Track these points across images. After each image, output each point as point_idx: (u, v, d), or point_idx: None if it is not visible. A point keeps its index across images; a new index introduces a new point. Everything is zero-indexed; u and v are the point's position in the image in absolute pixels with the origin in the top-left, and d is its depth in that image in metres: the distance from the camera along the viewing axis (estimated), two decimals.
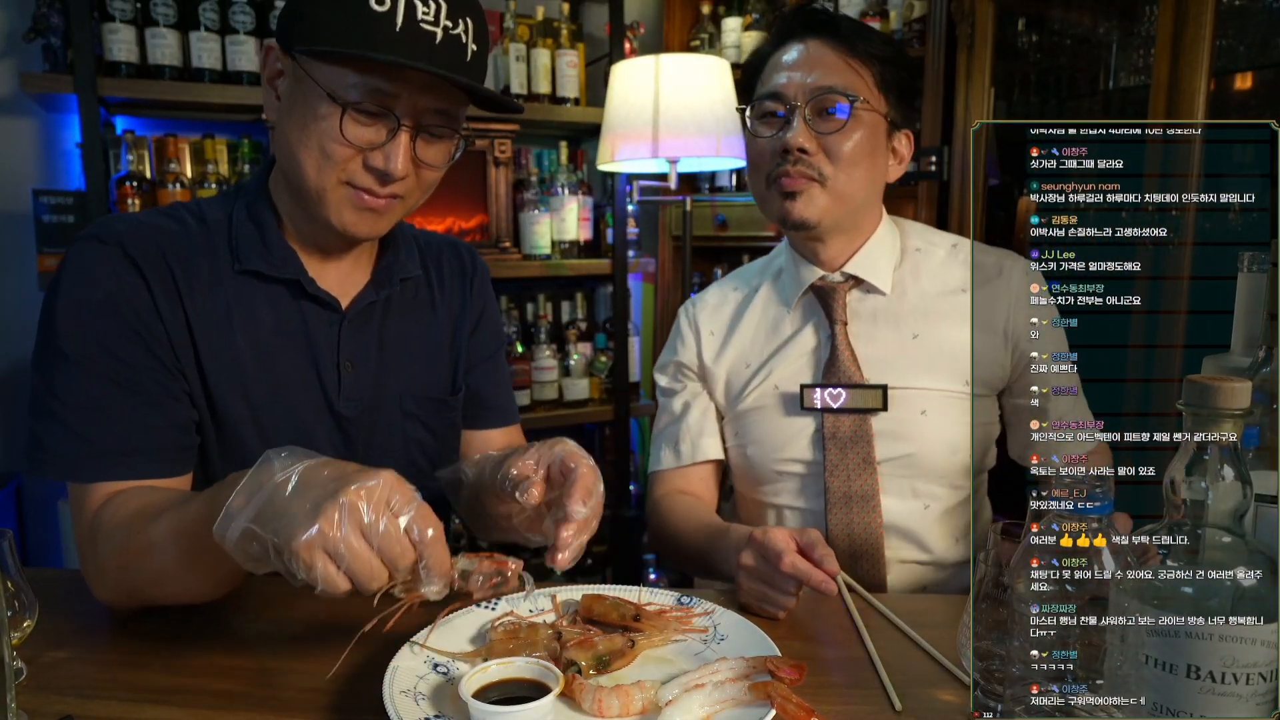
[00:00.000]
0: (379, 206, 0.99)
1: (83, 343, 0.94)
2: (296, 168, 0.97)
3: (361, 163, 0.96)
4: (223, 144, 2.31)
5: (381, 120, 0.94)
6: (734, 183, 3.06)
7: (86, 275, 0.97)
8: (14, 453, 2.36)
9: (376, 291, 1.10)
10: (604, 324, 2.84)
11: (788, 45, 1.29)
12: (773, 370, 1.32)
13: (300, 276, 1.04)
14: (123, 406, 0.95)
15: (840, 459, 1.25)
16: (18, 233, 2.26)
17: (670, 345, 1.45)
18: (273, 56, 0.99)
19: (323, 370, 1.07)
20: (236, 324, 1.03)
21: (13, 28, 2.23)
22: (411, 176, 0.99)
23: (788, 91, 1.24)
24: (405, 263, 1.14)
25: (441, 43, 0.92)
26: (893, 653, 0.90)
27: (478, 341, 1.24)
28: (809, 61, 1.25)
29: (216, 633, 0.92)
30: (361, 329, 1.10)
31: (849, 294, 1.31)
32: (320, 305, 1.06)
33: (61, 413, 0.94)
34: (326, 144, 0.94)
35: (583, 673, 0.79)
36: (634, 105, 2.25)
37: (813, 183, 1.24)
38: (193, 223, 1.04)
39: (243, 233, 1.04)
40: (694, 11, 3.12)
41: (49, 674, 0.84)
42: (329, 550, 0.67)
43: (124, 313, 0.96)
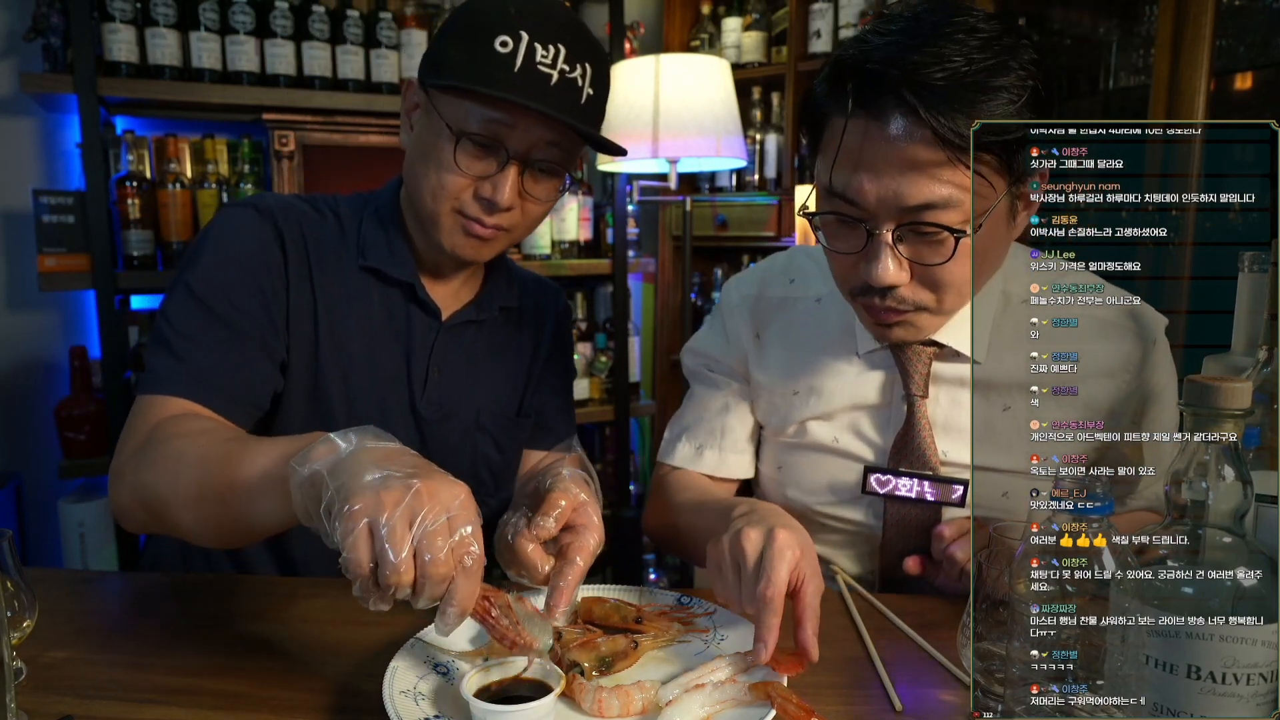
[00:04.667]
0: (485, 235, 1.06)
1: (211, 286, 1.04)
2: (417, 191, 1.07)
3: (472, 193, 1.04)
4: (223, 144, 2.31)
5: (493, 153, 1.02)
6: (734, 183, 3.06)
7: (236, 232, 1.08)
8: (14, 453, 2.36)
9: (477, 312, 1.19)
10: (604, 324, 2.84)
11: (866, 116, 0.90)
12: (831, 414, 1.14)
13: (414, 281, 1.14)
14: (224, 346, 1.03)
15: (899, 535, 1.09)
16: (18, 233, 2.26)
17: (713, 333, 1.25)
18: (411, 91, 1.08)
19: (413, 370, 1.15)
20: (353, 313, 1.12)
21: (13, 28, 2.23)
22: (517, 209, 1.06)
23: (866, 202, 0.92)
24: (506, 293, 1.23)
25: (556, 85, 0.99)
26: (893, 653, 0.89)
27: (548, 370, 1.30)
28: (898, 160, 0.89)
29: (216, 633, 0.92)
30: (456, 340, 1.18)
31: (934, 362, 1.10)
32: (425, 311, 1.15)
33: (171, 339, 1.02)
34: (442, 172, 1.02)
35: (585, 674, 0.79)
36: (634, 105, 2.25)
37: (913, 313, 0.98)
38: (330, 215, 1.15)
39: (370, 232, 1.14)
40: (694, 11, 3.13)
41: (49, 674, 0.83)
42: (373, 524, 0.66)
43: (257, 272, 1.06)
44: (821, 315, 1.17)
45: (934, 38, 0.88)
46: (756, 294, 1.22)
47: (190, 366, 1.00)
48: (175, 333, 1.02)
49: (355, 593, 0.69)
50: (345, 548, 0.66)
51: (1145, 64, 2.13)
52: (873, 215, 0.93)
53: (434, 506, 0.67)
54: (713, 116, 2.23)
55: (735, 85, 2.35)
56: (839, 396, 1.14)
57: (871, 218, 0.93)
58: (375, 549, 0.66)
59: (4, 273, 2.30)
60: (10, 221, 2.28)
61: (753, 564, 0.81)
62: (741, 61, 2.99)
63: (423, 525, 0.67)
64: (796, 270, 1.22)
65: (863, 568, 1.16)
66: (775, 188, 2.97)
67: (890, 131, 0.89)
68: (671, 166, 2.30)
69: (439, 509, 0.67)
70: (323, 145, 2.31)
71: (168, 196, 2.18)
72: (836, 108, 0.93)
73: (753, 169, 2.99)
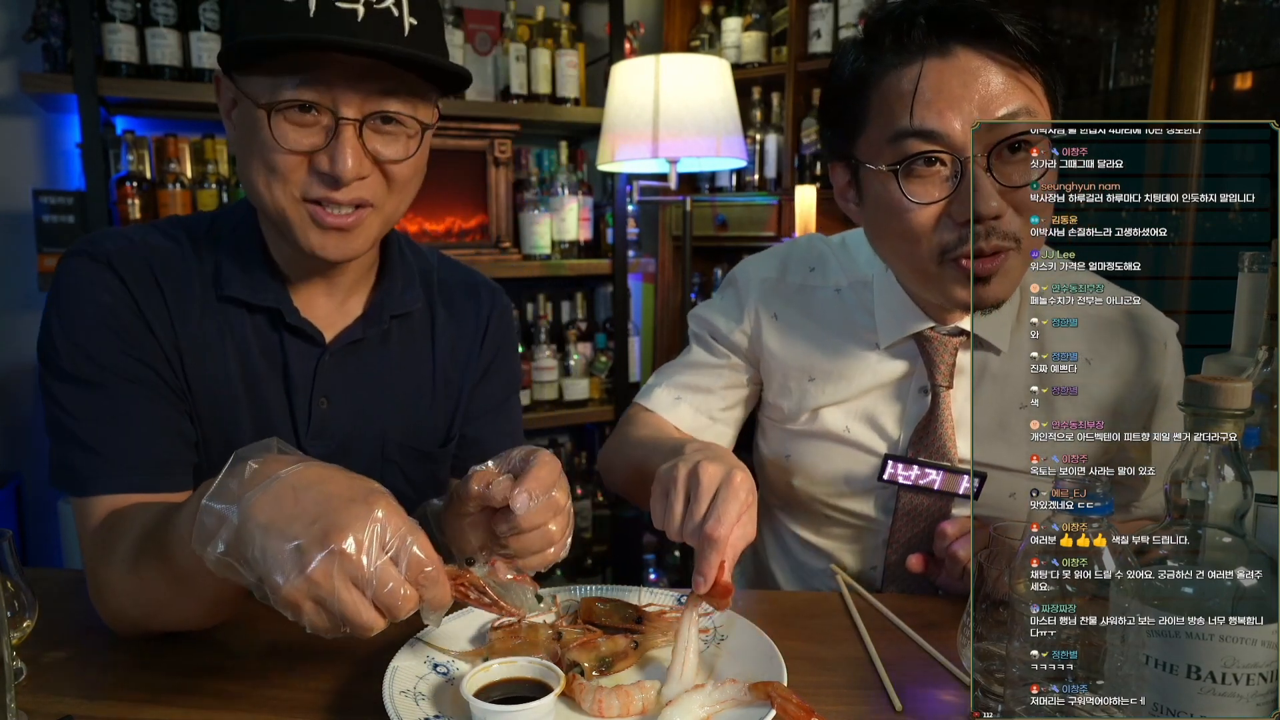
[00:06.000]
0: (344, 224, 0.90)
1: (81, 361, 0.92)
2: (255, 194, 0.91)
3: (309, 170, 0.88)
4: (223, 144, 2.31)
5: (318, 119, 0.86)
6: (734, 183, 3.06)
7: (78, 292, 0.94)
8: (14, 453, 2.36)
9: (365, 328, 1.03)
10: (604, 324, 2.84)
11: (927, 59, 0.95)
12: (845, 402, 1.13)
13: (281, 305, 0.98)
14: (126, 420, 0.92)
15: (907, 527, 1.10)
16: (18, 233, 2.26)
17: (725, 305, 1.23)
18: (222, 87, 0.93)
19: (295, 404, 1.01)
20: (229, 349, 0.98)
21: (13, 28, 2.23)
22: (374, 178, 0.90)
23: (953, 134, 0.94)
24: (401, 298, 1.05)
25: (366, 19, 0.83)
26: (893, 653, 0.89)
27: (484, 390, 1.14)
28: (974, 84, 0.93)
29: (217, 633, 0.92)
30: (343, 364, 1.02)
31: (958, 352, 1.09)
32: (300, 337, 1.00)
33: (72, 427, 0.92)
34: (268, 156, 0.87)
35: (585, 674, 0.79)
36: (634, 105, 2.25)
37: (1009, 253, 0.96)
38: (186, 241, 0.99)
39: (225, 257, 0.98)
40: (694, 11, 3.12)
41: (49, 674, 0.83)
42: (318, 600, 0.63)
43: (117, 330, 0.93)
44: (842, 305, 1.16)
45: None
46: (777, 277, 1.20)
47: (104, 457, 0.91)
48: (74, 420, 0.92)
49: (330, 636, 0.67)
50: (306, 626, 0.65)
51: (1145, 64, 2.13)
52: (963, 145, 0.94)
53: (364, 551, 0.63)
54: (713, 116, 2.23)
55: (735, 85, 2.35)
56: (855, 385, 1.13)
57: (961, 147, 0.94)
58: (334, 616, 0.64)
59: (4, 273, 2.30)
60: (10, 221, 2.28)
61: (706, 499, 0.80)
62: (741, 61, 2.99)
63: (367, 579, 0.63)
64: (817, 259, 1.20)
65: (866, 563, 1.16)
66: (775, 188, 2.97)
67: (961, 61, 0.94)
68: (671, 166, 2.30)
69: (371, 550, 0.63)
70: None
71: (168, 196, 2.18)
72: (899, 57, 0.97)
73: (753, 169, 2.99)
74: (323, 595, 0.63)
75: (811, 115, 2.89)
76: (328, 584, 0.62)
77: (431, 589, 0.67)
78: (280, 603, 0.64)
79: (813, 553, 1.20)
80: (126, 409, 0.93)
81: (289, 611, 0.64)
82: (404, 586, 0.65)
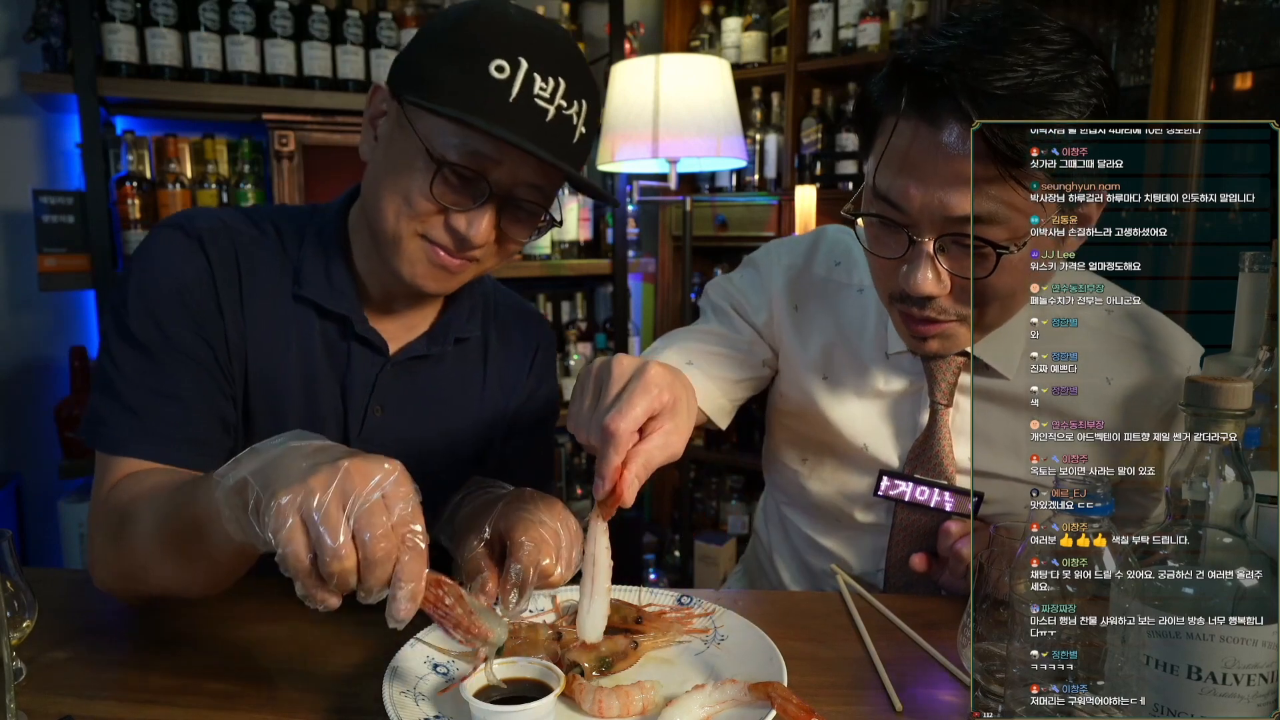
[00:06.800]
0: (453, 266, 0.96)
1: (150, 328, 0.96)
2: (377, 210, 0.95)
3: (443, 221, 0.93)
4: (223, 144, 2.31)
5: (473, 186, 0.91)
6: (734, 183, 3.07)
7: (165, 262, 0.98)
8: (14, 453, 2.36)
9: (429, 345, 1.07)
10: (604, 324, 2.84)
11: (918, 119, 0.88)
12: (856, 408, 1.13)
13: (352, 314, 1.02)
14: (175, 393, 0.96)
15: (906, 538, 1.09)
16: (18, 233, 2.26)
17: (748, 281, 1.20)
18: (379, 97, 0.97)
19: (350, 408, 1.04)
20: (291, 345, 1.02)
21: (13, 28, 2.23)
22: (490, 245, 0.96)
23: (910, 208, 0.89)
24: (465, 324, 1.10)
25: (552, 121, 0.90)
26: (893, 653, 0.89)
27: (522, 412, 1.17)
28: (947, 169, 0.86)
29: (216, 633, 0.92)
30: (402, 377, 1.06)
31: (961, 374, 1.07)
32: (366, 345, 1.04)
33: (122, 388, 0.95)
34: (413, 196, 0.91)
35: (585, 674, 0.79)
36: (634, 105, 2.25)
37: (949, 323, 0.95)
38: (274, 234, 1.04)
39: (308, 257, 1.03)
40: (694, 11, 3.13)
41: (49, 674, 0.83)
42: (304, 513, 0.63)
43: (190, 307, 0.97)
44: (863, 306, 1.13)
45: (1000, 44, 0.84)
46: (802, 266, 1.17)
47: (145, 421, 0.94)
48: (125, 382, 0.95)
49: (299, 593, 0.66)
50: (279, 543, 0.63)
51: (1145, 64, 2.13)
52: (915, 222, 0.90)
53: (366, 484, 0.64)
54: (713, 116, 2.23)
55: (735, 85, 2.35)
56: (868, 391, 1.12)
57: (914, 225, 0.90)
58: (311, 537, 0.63)
59: (4, 273, 2.30)
60: (10, 221, 2.28)
61: (614, 391, 0.73)
62: (741, 61, 2.99)
63: (357, 503, 0.64)
64: (843, 253, 1.17)
65: (872, 564, 1.16)
66: (775, 188, 2.97)
67: (942, 138, 0.86)
68: (671, 166, 2.30)
69: (372, 486, 0.65)
70: (322, 145, 2.31)
71: (168, 197, 2.18)
72: (889, 107, 0.90)
73: (752, 169, 3.00)
74: (312, 505, 0.63)
75: (811, 115, 2.89)
76: (322, 493, 0.63)
77: (411, 557, 0.67)
78: (270, 512, 0.63)
79: (820, 553, 1.20)
80: (177, 383, 0.96)
81: (275, 526, 0.63)
82: (387, 530, 0.65)
